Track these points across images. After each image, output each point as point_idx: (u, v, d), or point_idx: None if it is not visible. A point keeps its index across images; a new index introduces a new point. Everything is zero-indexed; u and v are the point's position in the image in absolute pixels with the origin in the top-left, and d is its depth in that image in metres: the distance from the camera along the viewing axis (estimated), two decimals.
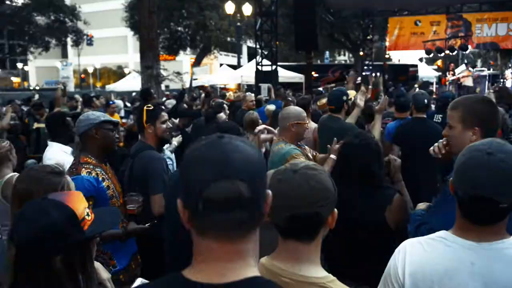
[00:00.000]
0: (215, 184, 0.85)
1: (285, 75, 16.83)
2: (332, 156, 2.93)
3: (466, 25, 17.55)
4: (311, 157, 3.28)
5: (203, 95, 9.94)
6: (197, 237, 0.91)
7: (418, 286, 1.34)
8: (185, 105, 7.60)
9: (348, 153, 2.39)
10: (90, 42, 32.72)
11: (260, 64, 13.85)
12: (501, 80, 16.68)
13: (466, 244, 1.32)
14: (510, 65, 22.24)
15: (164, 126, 3.02)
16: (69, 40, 25.50)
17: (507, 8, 17.27)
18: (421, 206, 2.10)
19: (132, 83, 21.75)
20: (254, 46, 14.87)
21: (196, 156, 0.90)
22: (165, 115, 3.05)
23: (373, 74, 17.61)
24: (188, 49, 24.44)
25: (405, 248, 1.42)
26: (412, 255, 1.38)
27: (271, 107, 6.51)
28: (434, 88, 17.48)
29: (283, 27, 19.49)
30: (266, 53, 13.91)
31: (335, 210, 1.30)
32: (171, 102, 6.98)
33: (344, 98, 4.04)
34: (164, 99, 11.24)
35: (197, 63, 23.15)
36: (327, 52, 34.91)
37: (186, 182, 0.90)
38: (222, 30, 20.56)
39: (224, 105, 6.48)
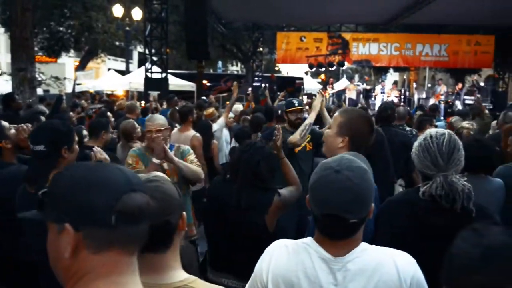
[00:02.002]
0: (127, 196, 0.89)
1: (176, 83, 16.60)
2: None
3: (344, 43, 19.24)
4: (166, 167, 3.20)
5: (82, 101, 9.25)
6: (95, 253, 0.88)
7: None
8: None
9: (241, 152, 2.51)
10: None
11: (149, 71, 13.44)
12: (372, 95, 18.60)
13: (325, 256, 1.37)
14: (380, 80, 24.94)
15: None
16: None
17: (378, 30, 19.44)
18: None
19: (6, 86, 19.39)
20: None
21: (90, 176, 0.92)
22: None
23: (262, 85, 18.34)
24: (72, 51, 22.69)
25: (272, 250, 1.45)
26: (277, 258, 1.41)
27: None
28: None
29: (175, 34, 19.23)
30: (156, 59, 13.55)
31: (184, 213, 1.32)
32: (42, 109, 6.32)
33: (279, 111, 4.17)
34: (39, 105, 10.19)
35: (81, 67, 21.60)
36: (220, 62, 35.40)
37: (86, 201, 0.87)
38: (109, 34, 19.46)
39: (108, 113, 6.14)
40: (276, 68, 34.21)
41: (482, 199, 1.98)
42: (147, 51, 13.57)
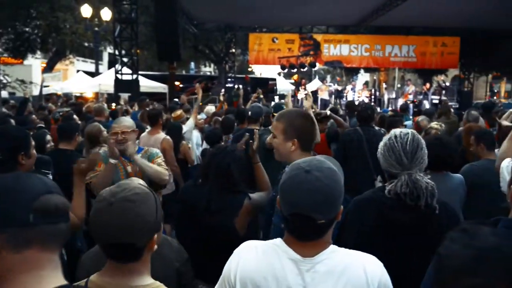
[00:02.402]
0: (44, 196, 0.98)
1: (147, 84, 16.35)
2: None
3: (316, 44, 19.47)
4: (129, 170, 3.18)
5: (50, 104, 8.99)
6: (16, 253, 0.95)
7: None
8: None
9: (212, 155, 2.52)
10: None
11: (119, 72, 13.19)
12: (344, 95, 18.88)
13: (294, 257, 1.37)
14: (351, 81, 25.35)
15: None
16: None
17: (348, 31, 19.77)
18: None
19: None
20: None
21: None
22: None
23: (236, 86, 18.30)
24: (39, 52, 22.01)
25: (241, 251, 1.44)
26: (245, 259, 1.40)
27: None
28: (289, 100, 18.85)
29: (146, 35, 18.96)
30: (126, 61, 13.32)
31: (156, 235, 1.35)
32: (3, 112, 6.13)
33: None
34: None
35: (49, 68, 20.97)
36: (192, 63, 35.16)
37: (5, 206, 0.96)
38: (78, 34, 18.97)
39: (74, 116, 5.99)
40: (249, 69, 34.24)
41: (445, 195, 2.04)
42: (117, 52, 13.32)
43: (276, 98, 18.74)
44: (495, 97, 29.21)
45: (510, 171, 2.18)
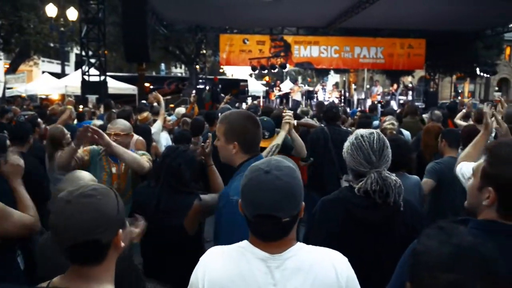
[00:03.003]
0: None
1: (116, 86, 16.01)
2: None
3: (286, 46, 19.63)
4: (114, 171, 3.14)
5: (13, 107, 8.66)
6: None
7: None
8: None
9: (165, 155, 2.50)
10: None
11: (87, 73, 12.87)
12: (314, 96, 19.11)
13: (262, 256, 1.36)
14: (322, 82, 25.68)
15: None
16: None
17: (318, 33, 20.02)
18: None
19: None
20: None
21: None
22: None
23: (207, 88, 18.19)
24: (1, 53, 21.20)
25: (207, 258, 1.43)
26: (212, 265, 1.39)
27: (98, 122, 6.12)
28: (261, 102, 18.99)
29: (114, 35, 18.58)
30: (94, 62, 13.01)
31: (120, 230, 1.29)
32: None
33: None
34: None
35: (12, 69, 20.22)
36: (163, 64, 34.74)
37: None
38: (42, 34, 18.37)
39: (39, 120, 5.79)
40: (221, 70, 34.16)
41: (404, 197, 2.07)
42: (83, 53, 12.99)
43: (249, 100, 18.78)
44: (459, 97, 30.25)
45: (465, 176, 2.23)
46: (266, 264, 1.35)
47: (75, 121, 7.21)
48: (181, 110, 8.72)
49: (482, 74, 22.55)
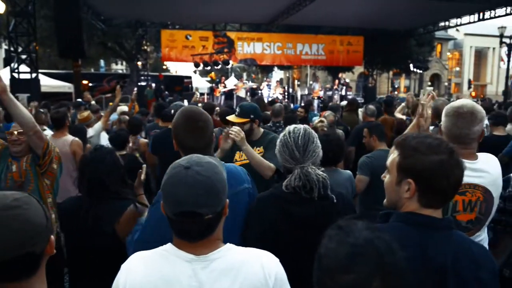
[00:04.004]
0: None
1: (50, 84, 15.17)
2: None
3: (230, 42, 19.57)
4: (14, 169, 3.05)
5: None
6: None
7: None
8: None
9: (83, 165, 2.37)
10: None
11: (16, 70, 12.04)
12: (259, 92, 19.22)
13: (187, 258, 1.32)
14: (266, 78, 25.90)
15: None
16: None
17: (261, 30, 20.15)
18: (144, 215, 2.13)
19: None
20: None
21: None
22: None
23: (150, 84, 17.75)
24: None
25: (128, 264, 1.36)
26: (133, 272, 1.33)
27: None
28: (205, 98, 18.80)
29: (47, 30, 17.53)
30: (24, 58, 12.18)
31: (52, 236, 1.23)
32: None
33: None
34: None
35: None
36: (102, 61, 33.36)
37: None
38: None
39: None
40: (164, 67, 33.45)
41: (335, 190, 2.11)
42: (12, 49, 12.11)
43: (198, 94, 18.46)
44: (396, 92, 31.78)
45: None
46: (191, 266, 1.30)
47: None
48: (123, 108, 8.39)
49: (415, 70, 23.80)
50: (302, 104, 15.84)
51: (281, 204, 1.93)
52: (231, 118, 3.15)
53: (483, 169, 2.02)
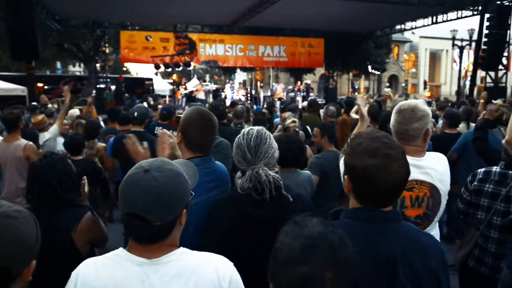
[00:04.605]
0: None
1: (2, 87, 14.46)
2: None
3: (191, 43, 19.41)
4: None
5: None
6: None
7: None
8: None
9: (33, 173, 2.29)
10: None
11: None
12: (221, 94, 19.16)
13: (138, 261, 1.30)
14: (228, 80, 25.86)
15: None
16: None
17: (223, 31, 20.12)
18: None
19: None
20: None
21: None
22: None
23: (109, 87, 17.29)
24: None
25: (79, 269, 1.33)
26: (84, 278, 1.29)
27: None
28: (167, 100, 18.52)
29: None
30: None
31: (34, 261, 1.21)
32: None
33: None
34: None
35: None
36: (58, 63, 32.20)
37: None
38: None
39: None
40: (125, 69, 32.74)
41: (293, 190, 2.13)
42: None
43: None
44: (356, 93, 32.54)
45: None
46: (143, 270, 1.28)
47: None
48: (75, 111, 8.10)
49: (373, 71, 24.49)
50: (265, 106, 15.97)
51: (238, 206, 1.92)
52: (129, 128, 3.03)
53: (429, 166, 2.09)
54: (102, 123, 6.69)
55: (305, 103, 11.96)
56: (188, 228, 1.48)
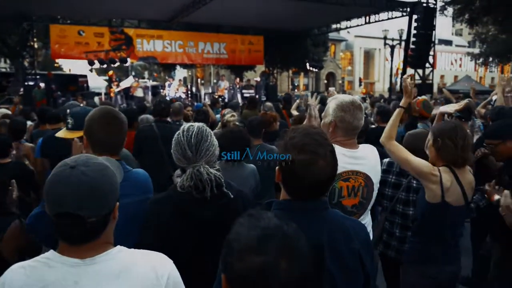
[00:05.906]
0: None
1: None
2: None
3: (128, 39, 18.76)
4: None
5: None
6: None
7: None
8: None
9: None
10: None
11: None
12: (161, 91, 18.73)
13: (71, 263, 1.24)
14: (168, 77, 25.39)
15: None
16: None
17: (161, 27, 19.65)
18: None
19: None
20: None
21: None
22: None
23: (42, 84, 16.17)
24: None
25: (5, 276, 1.25)
26: (11, 282, 1.22)
27: None
28: (102, 98, 17.75)
29: None
30: None
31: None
32: None
33: None
34: None
35: None
36: None
37: None
38: None
39: None
40: (57, 65, 30.99)
41: (238, 184, 2.12)
42: None
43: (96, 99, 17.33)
44: (295, 90, 33.36)
45: None
46: (76, 271, 1.23)
47: None
48: (4, 111, 7.52)
49: (311, 68, 25.16)
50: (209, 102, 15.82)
51: (177, 205, 1.88)
52: (61, 134, 2.48)
53: (363, 157, 2.20)
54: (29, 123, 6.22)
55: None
56: None
